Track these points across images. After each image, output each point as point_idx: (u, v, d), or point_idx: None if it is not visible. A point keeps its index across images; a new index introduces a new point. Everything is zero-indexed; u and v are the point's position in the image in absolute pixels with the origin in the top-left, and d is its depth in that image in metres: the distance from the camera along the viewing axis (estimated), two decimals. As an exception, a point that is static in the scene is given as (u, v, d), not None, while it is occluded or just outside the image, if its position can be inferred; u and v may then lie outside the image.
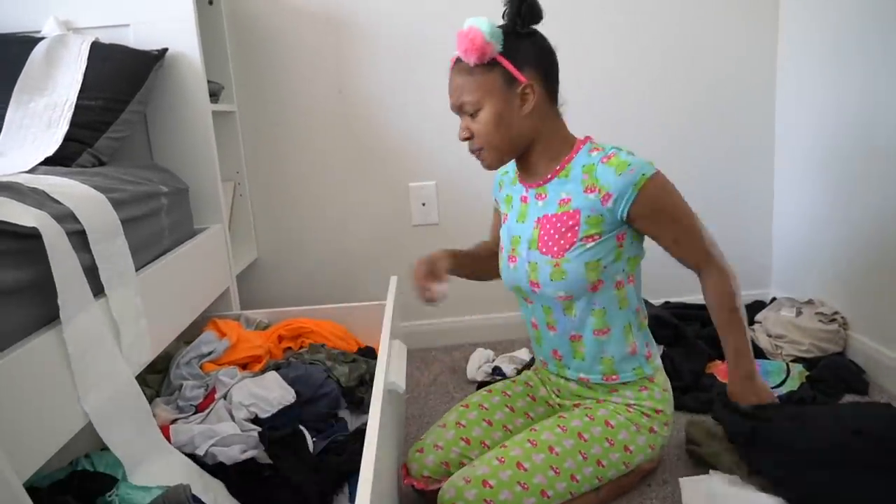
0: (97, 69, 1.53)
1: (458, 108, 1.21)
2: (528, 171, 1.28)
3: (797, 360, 1.89)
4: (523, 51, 1.16)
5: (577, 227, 1.18)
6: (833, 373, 1.77)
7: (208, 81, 1.78)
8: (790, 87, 2.15)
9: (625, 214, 1.16)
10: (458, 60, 1.19)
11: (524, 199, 1.29)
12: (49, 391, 0.92)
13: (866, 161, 1.81)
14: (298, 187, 2.18)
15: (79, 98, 1.48)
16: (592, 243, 1.18)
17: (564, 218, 1.20)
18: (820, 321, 1.92)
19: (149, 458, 1.11)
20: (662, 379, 1.33)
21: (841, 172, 1.92)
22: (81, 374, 0.98)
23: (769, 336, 1.98)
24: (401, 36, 2.08)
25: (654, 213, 1.17)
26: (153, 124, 1.73)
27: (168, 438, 1.23)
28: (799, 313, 1.97)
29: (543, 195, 1.24)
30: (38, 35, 1.61)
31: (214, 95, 1.87)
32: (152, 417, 1.16)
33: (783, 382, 1.75)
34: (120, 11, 1.68)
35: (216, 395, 1.39)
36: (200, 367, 1.50)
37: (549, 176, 1.23)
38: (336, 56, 2.10)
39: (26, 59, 1.52)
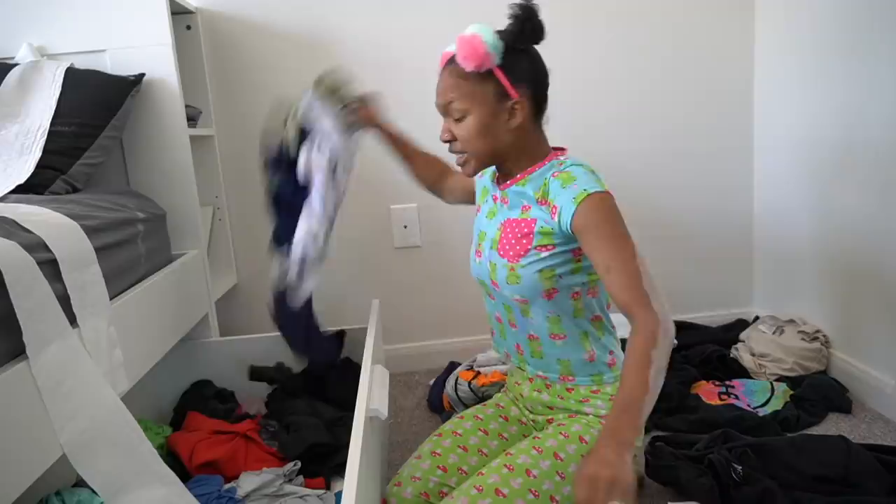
0: (71, 95, 1.51)
1: (444, 109, 1.19)
2: (503, 175, 1.27)
3: (781, 378, 1.89)
4: (520, 67, 1.15)
5: (531, 235, 1.17)
6: (817, 392, 1.77)
7: (186, 106, 1.76)
8: (769, 101, 2.18)
9: (568, 228, 1.11)
10: (451, 60, 1.17)
11: (495, 199, 1.29)
12: (20, 425, 0.89)
13: (849, 180, 1.83)
14: (279, 211, 2.16)
15: (52, 124, 1.45)
16: (546, 253, 1.16)
17: (523, 225, 1.19)
18: (802, 339, 1.92)
19: (131, 487, 1.06)
20: None
21: (822, 192, 1.94)
22: (57, 406, 0.94)
23: (753, 355, 1.98)
24: (380, 60, 2.08)
25: (588, 229, 1.09)
26: (129, 149, 1.71)
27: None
28: (781, 332, 1.98)
29: (506, 199, 1.24)
30: (12, 61, 1.59)
31: (192, 120, 1.85)
32: (146, 442, 1.10)
33: (767, 401, 1.75)
34: (96, 37, 1.66)
35: None
36: None
37: (508, 182, 1.23)
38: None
39: (-1, 85, 1.50)
